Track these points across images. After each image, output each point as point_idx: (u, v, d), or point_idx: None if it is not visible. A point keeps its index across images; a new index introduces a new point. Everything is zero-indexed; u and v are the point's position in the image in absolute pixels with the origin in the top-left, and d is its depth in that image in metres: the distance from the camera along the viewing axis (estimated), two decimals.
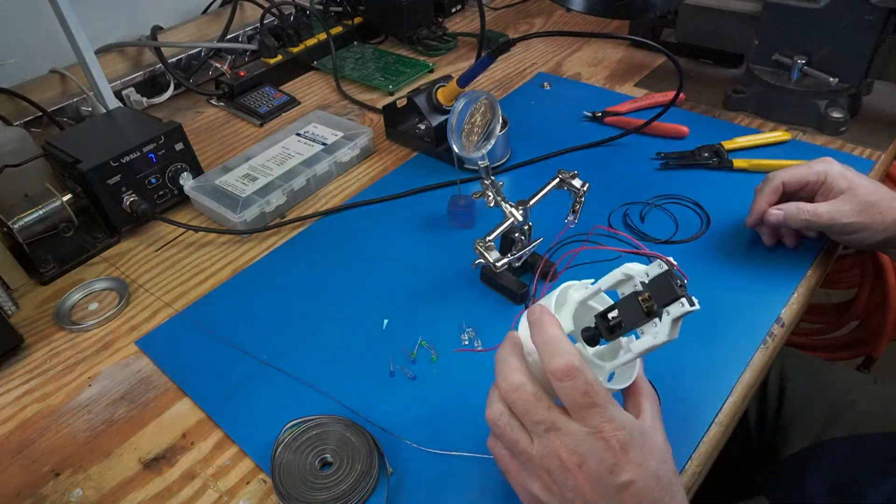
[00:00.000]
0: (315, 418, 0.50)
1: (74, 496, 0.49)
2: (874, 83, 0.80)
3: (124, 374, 0.58)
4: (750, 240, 0.63)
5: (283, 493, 0.46)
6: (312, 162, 0.78)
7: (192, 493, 0.48)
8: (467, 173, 0.77)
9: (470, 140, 0.57)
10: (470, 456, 0.48)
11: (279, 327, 0.60)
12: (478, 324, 0.58)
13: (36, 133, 0.86)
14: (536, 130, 0.83)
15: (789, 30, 0.75)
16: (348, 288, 0.64)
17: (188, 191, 0.75)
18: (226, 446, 0.51)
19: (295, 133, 0.84)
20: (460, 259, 0.65)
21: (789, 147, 0.76)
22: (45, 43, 0.90)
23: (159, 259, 0.71)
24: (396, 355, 0.56)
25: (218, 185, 0.75)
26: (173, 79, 0.98)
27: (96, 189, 0.69)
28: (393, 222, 0.72)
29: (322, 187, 0.79)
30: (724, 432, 0.49)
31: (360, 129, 0.83)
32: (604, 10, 0.74)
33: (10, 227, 0.65)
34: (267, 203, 0.72)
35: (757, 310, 0.57)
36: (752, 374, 0.52)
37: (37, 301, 0.67)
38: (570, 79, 0.96)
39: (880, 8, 0.68)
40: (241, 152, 0.82)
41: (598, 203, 0.69)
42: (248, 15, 1.08)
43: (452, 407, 0.51)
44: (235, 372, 0.56)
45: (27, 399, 0.57)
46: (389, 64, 1.04)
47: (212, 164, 0.84)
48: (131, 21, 1.00)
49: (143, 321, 0.63)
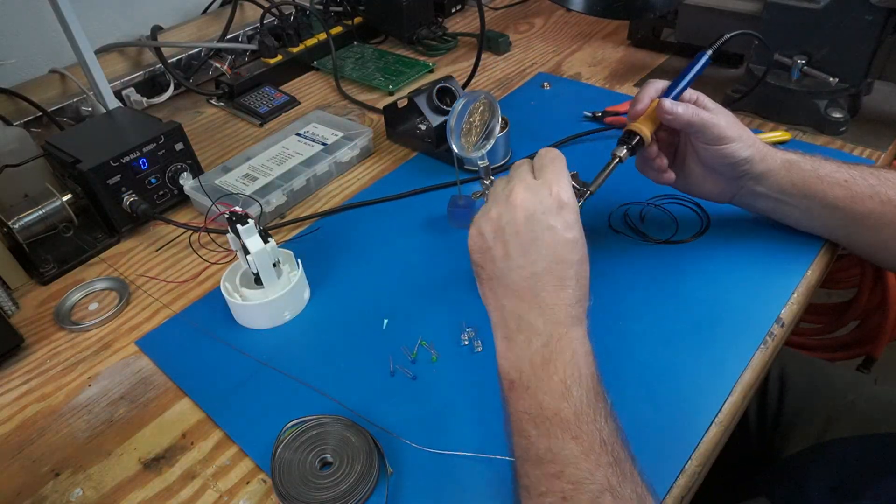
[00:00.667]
0: (315, 418, 0.50)
1: (74, 496, 0.49)
2: (874, 83, 0.80)
3: (124, 374, 0.58)
4: (750, 240, 0.63)
5: (283, 493, 0.46)
6: (312, 162, 0.78)
7: (192, 493, 0.48)
8: (468, 174, 0.77)
9: (469, 140, 0.57)
10: (470, 456, 0.48)
11: (279, 327, 0.60)
12: (477, 323, 0.58)
13: (36, 133, 0.86)
14: (537, 130, 0.83)
15: (789, 30, 0.75)
16: (348, 288, 0.64)
17: (188, 191, 0.75)
18: (226, 446, 0.51)
19: (295, 133, 0.84)
20: (460, 259, 0.65)
21: (789, 147, 0.75)
22: (45, 43, 0.90)
23: (159, 259, 0.71)
24: (396, 355, 0.56)
25: (218, 185, 0.75)
26: (173, 79, 0.98)
27: (96, 189, 0.69)
28: (393, 222, 0.72)
29: (322, 187, 0.79)
30: (724, 432, 0.49)
31: (359, 129, 0.83)
32: (603, 10, 0.75)
33: (10, 227, 0.65)
34: (267, 203, 0.72)
35: (757, 310, 0.57)
36: (752, 374, 0.52)
37: (37, 301, 0.67)
38: (570, 79, 0.96)
39: (880, 8, 0.68)
40: (241, 152, 0.82)
41: (597, 203, 0.69)
42: (248, 15, 1.08)
43: (452, 407, 0.51)
44: (235, 372, 0.56)
45: (27, 399, 0.57)
46: (389, 64, 1.04)
47: (212, 164, 0.84)
48: (131, 21, 1.00)
49: (143, 321, 0.63)
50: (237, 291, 0.60)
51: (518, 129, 0.82)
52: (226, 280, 0.61)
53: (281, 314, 0.60)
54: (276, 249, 0.60)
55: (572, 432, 0.39)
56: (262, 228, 0.58)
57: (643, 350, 0.54)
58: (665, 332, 0.55)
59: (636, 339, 0.55)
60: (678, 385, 0.51)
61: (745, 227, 0.64)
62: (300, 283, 0.61)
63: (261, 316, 0.60)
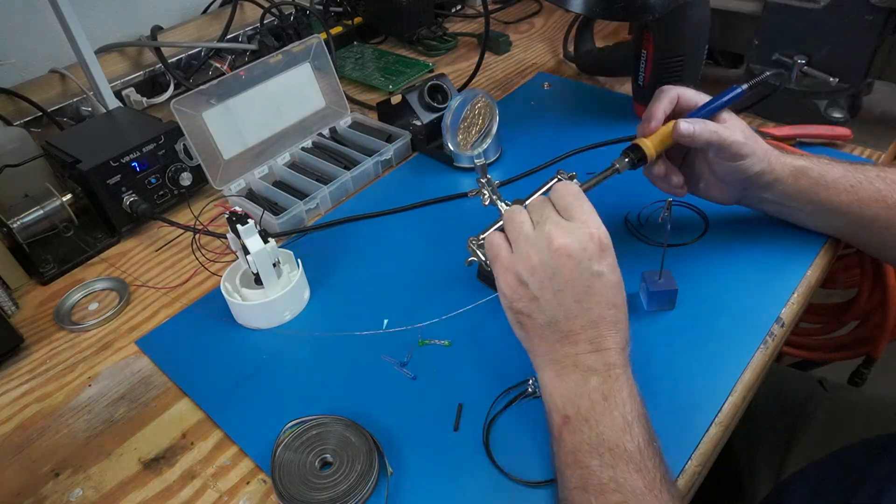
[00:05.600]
0: (315, 418, 0.50)
1: (74, 496, 0.49)
2: (874, 83, 0.79)
3: (124, 374, 0.58)
4: (750, 240, 0.63)
5: (283, 493, 0.46)
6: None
7: (192, 493, 0.48)
8: (460, 171, 0.77)
9: (466, 138, 0.57)
10: (470, 456, 0.48)
11: (279, 327, 0.60)
12: (475, 322, 0.58)
13: (36, 133, 0.86)
14: (537, 130, 0.83)
15: (789, 30, 0.75)
16: (348, 288, 0.64)
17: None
18: (226, 446, 0.51)
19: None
20: (460, 258, 0.65)
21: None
22: (45, 43, 0.90)
23: (159, 259, 0.71)
24: (396, 355, 0.56)
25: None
26: (173, 79, 0.98)
27: (96, 189, 0.69)
28: (393, 222, 0.72)
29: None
30: (724, 432, 0.49)
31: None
32: (603, 11, 0.75)
33: (10, 227, 0.65)
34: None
35: (757, 310, 0.57)
36: (752, 374, 0.52)
37: (37, 301, 0.67)
38: (570, 79, 0.96)
39: (880, 8, 0.68)
40: None
41: (596, 205, 0.69)
42: (248, 15, 1.08)
43: (452, 407, 0.51)
44: (235, 372, 0.56)
45: (27, 399, 0.57)
46: (389, 64, 1.04)
47: None
48: (131, 21, 1.00)
49: (143, 321, 0.63)
50: (237, 291, 0.60)
51: (518, 129, 0.82)
52: (226, 280, 0.61)
53: (281, 314, 0.60)
54: (275, 249, 0.60)
55: (636, 465, 0.39)
56: (261, 228, 0.58)
57: (643, 350, 0.54)
58: (665, 332, 0.55)
59: (637, 339, 0.55)
60: (678, 385, 0.51)
61: (745, 227, 0.64)
62: (300, 283, 0.61)
63: (261, 316, 0.60)
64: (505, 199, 0.57)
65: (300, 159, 0.81)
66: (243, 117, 0.77)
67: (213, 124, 0.74)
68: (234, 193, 0.75)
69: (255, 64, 0.77)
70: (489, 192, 0.57)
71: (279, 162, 0.80)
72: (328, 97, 0.85)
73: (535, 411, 0.50)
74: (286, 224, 0.70)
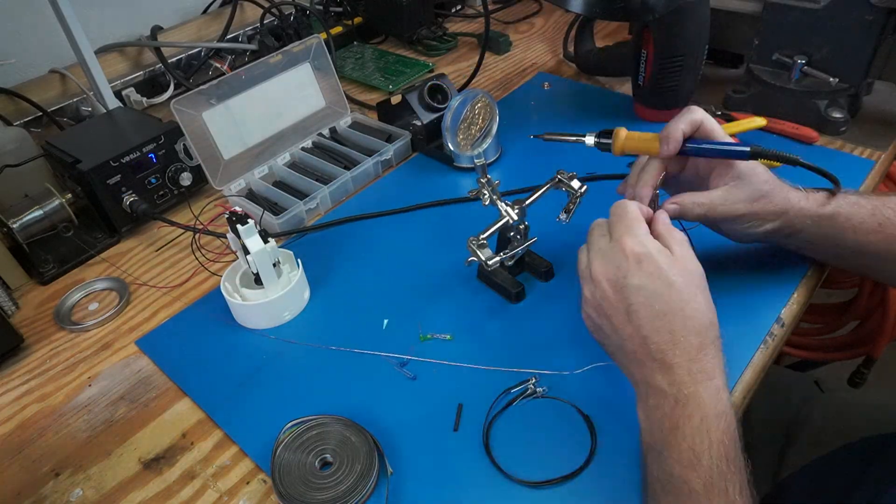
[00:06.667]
0: (315, 418, 0.50)
1: (74, 496, 0.49)
2: (874, 83, 0.79)
3: (124, 374, 0.58)
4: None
5: (283, 493, 0.46)
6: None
7: (192, 493, 0.48)
8: (460, 171, 0.78)
9: (467, 139, 0.57)
10: (470, 456, 0.48)
11: (279, 327, 0.60)
12: (475, 322, 0.58)
13: (36, 133, 0.86)
14: (536, 130, 0.83)
15: (789, 30, 0.75)
16: (348, 288, 0.64)
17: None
18: (226, 446, 0.51)
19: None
20: (460, 258, 0.65)
21: (789, 147, 0.75)
22: (45, 43, 0.90)
23: (159, 259, 0.71)
24: (396, 355, 0.56)
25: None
26: (173, 79, 0.98)
27: (96, 189, 0.69)
28: (393, 222, 0.72)
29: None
30: None
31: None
32: (602, 11, 0.75)
33: (10, 227, 0.65)
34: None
35: (757, 310, 0.57)
36: (752, 374, 0.52)
37: (37, 301, 0.67)
38: (570, 79, 0.96)
39: (880, 8, 0.68)
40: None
41: (595, 204, 0.69)
42: (248, 15, 1.08)
43: (452, 407, 0.51)
44: (235, 372, 0.56)
45: (27, 399, 0.57)
46: (389, 64, 1.04)
47: None
48: (131, 21, 1.00)
49: (143, 321, 0.63)
50: (237, 291, 0.60)
51: (518, 129, 0.82)
52: (226, 280, 0.61)
53: (281, 314, 0.60)
54: (276, 249, 0.60)
55: None
56: (261, 228, 0.58)
57: None
58: None
59: None
60: None
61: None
62: (300, 283, 0.61)
63: (261, 316, 0.60)
64: (505, 200, 0.57)
65: (300, 159, 0.81)
66: (243, 117, 0.77)
67: (213, 124, 0.74)
68: (234, 193, 0.75)
69: (255, 64, 0.77)
70: (489, 192, 0.57)
71: (279, 162, 0.80)
72: (328, 97, 0.85)
73: (535, 411, 0.50)
74: (286, 224, 0.70)
